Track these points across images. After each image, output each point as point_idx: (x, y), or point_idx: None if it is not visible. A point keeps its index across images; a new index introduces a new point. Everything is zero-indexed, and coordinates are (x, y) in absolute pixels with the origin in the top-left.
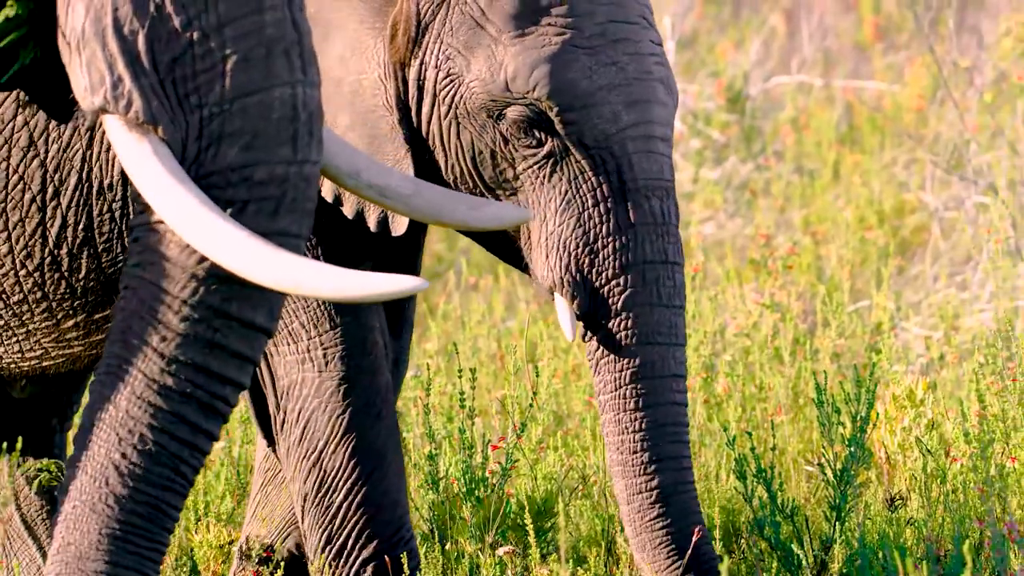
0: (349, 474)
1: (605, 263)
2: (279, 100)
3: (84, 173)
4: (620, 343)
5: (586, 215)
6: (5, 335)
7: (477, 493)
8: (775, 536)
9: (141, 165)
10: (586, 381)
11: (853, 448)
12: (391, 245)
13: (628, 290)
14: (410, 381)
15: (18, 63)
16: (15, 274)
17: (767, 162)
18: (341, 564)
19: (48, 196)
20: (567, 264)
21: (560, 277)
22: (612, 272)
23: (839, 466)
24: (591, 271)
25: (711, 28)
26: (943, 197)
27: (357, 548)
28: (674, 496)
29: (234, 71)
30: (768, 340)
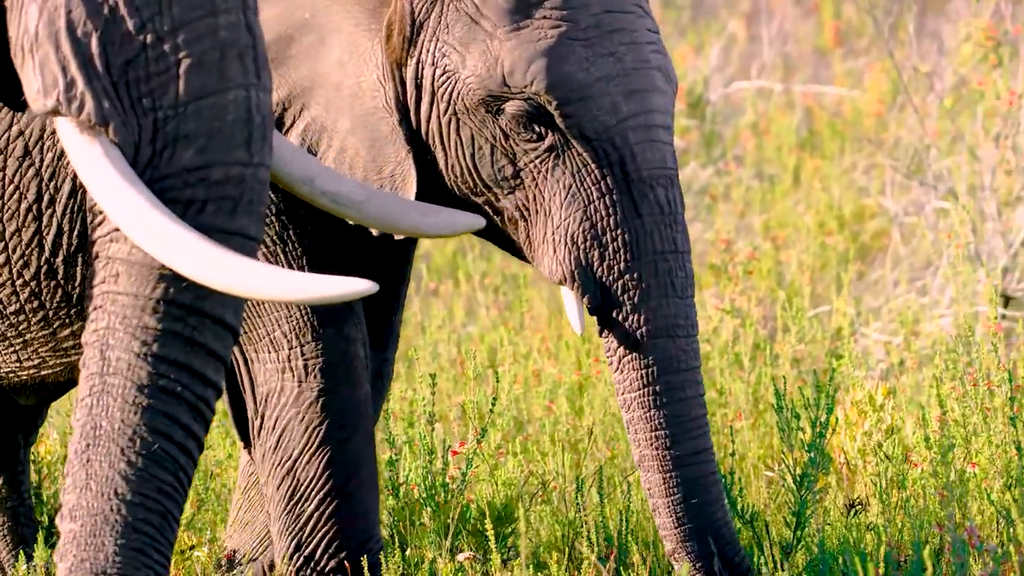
0: (322, 485)
1: (616, 256)
2: (233, 103)
3: (78, 179)
4: (641, 339)
5: (592, 208)
6: (2, 346)
7: (437, 499)
8: None
9: (92, 167)
10: (546, 386)
11: (813, 453)
12: (381, 253)
13: (642, 283)
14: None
15: None
16: (12, 284)
17: (727, 167)
18: (309, 571)
19: (44, 204)
20: (576, 258)
21: (569, 271)
22: (624, 265)
23: (799, 471)
24: (601, 264)
25: (671, 33)
26: (903, 202)
27: (325, 557)
28: (710, 487)
29: (188, 74)
30: (728, 345)
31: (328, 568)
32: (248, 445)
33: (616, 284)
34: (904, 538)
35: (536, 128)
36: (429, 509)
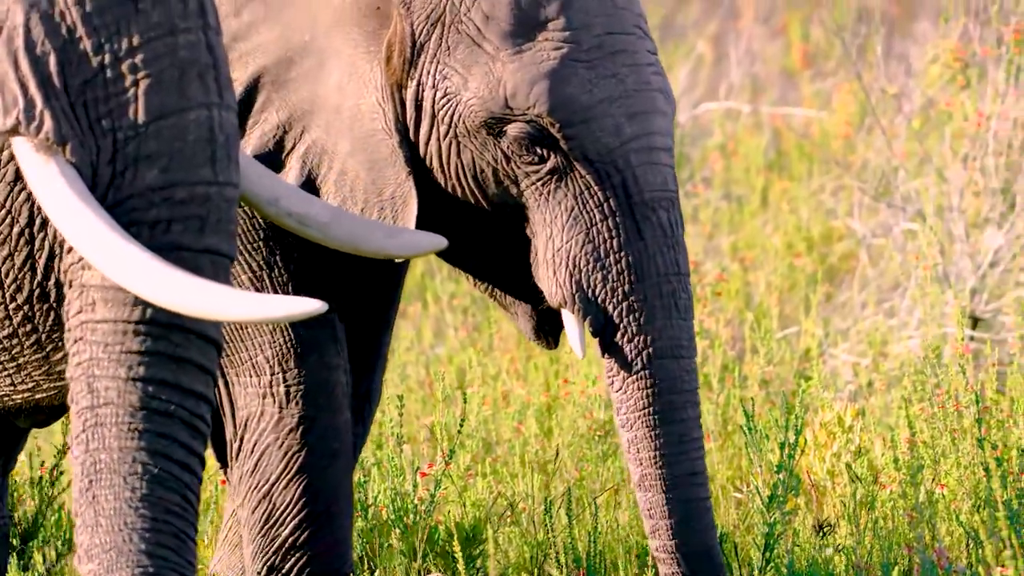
0: (298, 511)
1: (619, 278)
2: (195, 123)
3: None
4: (646, 360)
5: (594, 230)
6: None
7: (406, 520)
8: None
9: (47, 187)
10: (515, 408)
11: (782, 475)
12: (370, 277)
13: (646, 305)
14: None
15: None
16: (5, 308)
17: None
18: None
19: (36, 228)
20: (578, 280)
21: (571, 294)
22: (628, 287)
23: (768, 493)
24: (604, 287)
25: None
26: (871, 224)
27: None
28: (703, 507)
29: (147, 94)
30: (697, 367)
31: None
32: (225, 466)
33: (620, 306)
34: (873, 559)
35: (538, 150)
36: (398, 530)
